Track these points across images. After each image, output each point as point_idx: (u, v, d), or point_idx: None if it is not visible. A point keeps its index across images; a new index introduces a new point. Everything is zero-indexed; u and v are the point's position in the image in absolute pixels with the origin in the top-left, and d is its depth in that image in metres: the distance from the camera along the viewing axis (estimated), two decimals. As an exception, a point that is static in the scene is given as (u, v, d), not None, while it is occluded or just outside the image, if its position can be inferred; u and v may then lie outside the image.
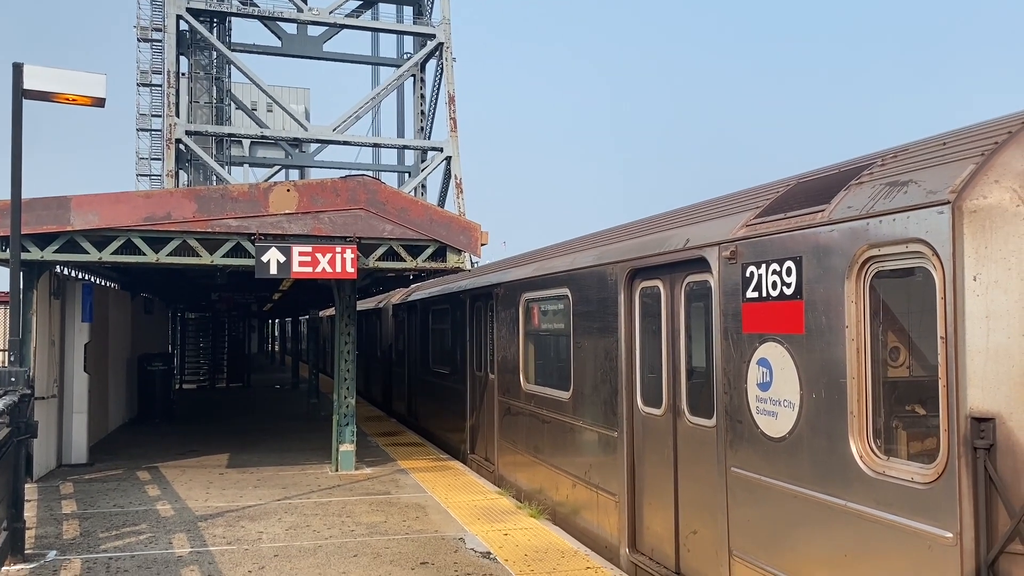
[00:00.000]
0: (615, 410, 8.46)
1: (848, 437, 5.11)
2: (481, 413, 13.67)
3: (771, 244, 5.95)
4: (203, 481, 12.24)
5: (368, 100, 39.00)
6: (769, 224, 6.06)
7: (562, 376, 10.06)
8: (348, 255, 11.01)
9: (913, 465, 4.71)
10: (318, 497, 11.14)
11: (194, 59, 38.39)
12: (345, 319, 13.20)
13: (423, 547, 8.71)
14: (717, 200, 7.66)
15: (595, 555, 8.45)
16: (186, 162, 38.77)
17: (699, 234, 7.04)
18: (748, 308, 6.21)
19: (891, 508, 4.75)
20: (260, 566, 8.01)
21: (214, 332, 31.10)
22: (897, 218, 4.75)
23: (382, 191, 11.50)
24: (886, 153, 5.56)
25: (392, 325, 22.13)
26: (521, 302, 11.48)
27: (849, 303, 5.14)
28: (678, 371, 7.46)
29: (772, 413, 5.89)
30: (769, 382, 5.94)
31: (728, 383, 6.45)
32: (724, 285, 6.51)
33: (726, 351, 6.47)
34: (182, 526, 9.53)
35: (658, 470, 7.77)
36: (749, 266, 6.20)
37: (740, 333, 6.29)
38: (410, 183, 40.14)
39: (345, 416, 12.98)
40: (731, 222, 6.66)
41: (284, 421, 20.08)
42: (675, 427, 7.48)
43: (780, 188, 6.53)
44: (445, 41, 38.00)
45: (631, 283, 8.28)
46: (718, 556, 6.60)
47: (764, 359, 6.01)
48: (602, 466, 8.82)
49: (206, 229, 10.89)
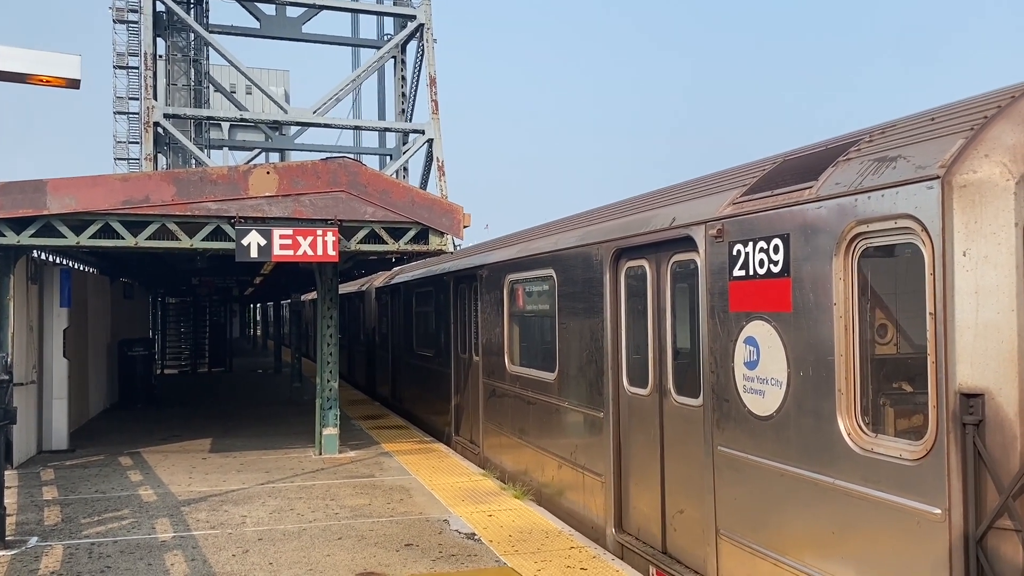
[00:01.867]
0: (601, 391, 8.39)
1: (836, 415, 5.08)
2: (466, 395, 13.56)
3: (758, 222, 5.88)
4: (186, 466, 12.14)
5: (348, 82, 38.59)
6: (756, 202, 5.98)
7: (547, 357, 9.98)
8: (329, 238, 10.90)
9: (901, 442, 4.69)
10: (302, 481, 11.08)
11: (171, 41, 37.81)
12: (327, 303, 13.10)
13: (408, 529, 8.67)
14: (703, 179, 7.57)
15: (579, 535, 8.46)
16: (165, 145, 38.24)
17: (685, 213, 6.96)
18: (735, 286, 6.14)
19: (879, 485, 4.73)
20: (244, 550, 7.96)
21: (195, 317, 30.88)
22: (886, 194, 4.70)
23: (363, 173, 11.38)
24: (874, 129, 5.51)
25: (375, 308, 22.03)
26: (506, 284, 11.37)
27: (837, 280, 5.09)
28: (664, 351, 7.39)
29: (759, 392, 5.85)
30: (756, 360, 5.88)
31: (715, 362, 6.39)
32: (710, 264, 6.43)
33: (712, 330, 6.41)
34: (165, 511, 9.45)
35: (644, 450, 7.73)
36: (736, 244, 6.12)
37: (727, 312, 6.22)
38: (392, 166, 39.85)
39: (328, 399, 12.91)
40: (717, 200, 6.57)
41: (267, 405, 19.98)
42: (661, 407, 7.42)
43: (767, 166, 6.46)
44: (426, 22, 37.63)
45: (616, 263, 8.19)
46: (705, 535, 6.58)
47: (751, 338, 5.95)
48: (588, 447, 8.75)
49: (185, 212, 10.74)
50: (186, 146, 34.56)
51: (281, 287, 27.78)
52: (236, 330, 51.83)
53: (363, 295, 23.74)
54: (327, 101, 36.44)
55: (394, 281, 19.06)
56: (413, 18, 37.88)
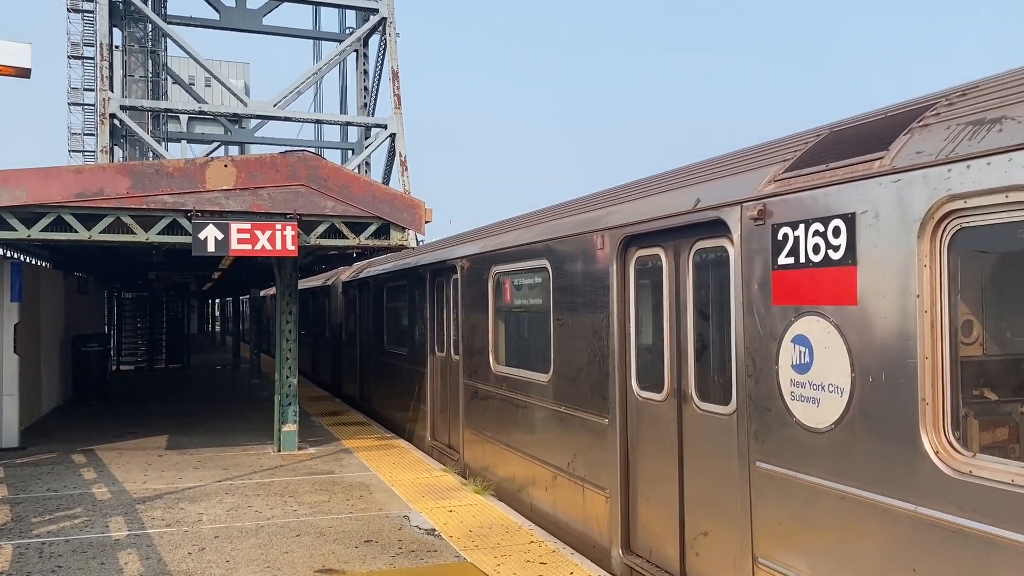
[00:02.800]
0: (605, 394, 7.57)
1: (919, 429, 4.30)
2: (443, 397, 12.80)
3: (812, 200, 5.06)
4: (141, 463, 11.97)
5: (310, 75, 38.21)
6: (807, 177, 5.17)
7: (540, 357, 9.17)
8: (288, 232, 10.80)
9: (1013, 464, 3.90)
10: (260, 478, 10.98)
11: (128, 31, 37.12)
12: (286, 298, 12.98)
13: (367, 525, 8.64)
14: (719, 159, 6.80)
15: (539, 529, 8.49)
16: (121, 138, 37.58)
17: (713, 193, 6.12)
18: (780, 277, 5.32)
19: (983, 516, 3.96)
20: (200, 547, 7.86)
21: (152, 312, 30.39)
22: (993, 161, 3.93)
23: (323, 167, 11.29)
24: (948, 93, 4.83)
25: (342, 303, 21.21)
26: (491, 276, 10.52)
27: (921, 267, 4.31)
28: (684, 351, 6.56)
29: (812, 400, 5.06)
30: (808, 363, 5.09)
31: (752, 365, 5.56)
32: (747, 250, 5.61)
33: (750, 328, 5.58)
34: (119, 509, 9.31)
35: (658, 462, 6.90)
36: (782, 227, 5.28)
37: (769, 306, 5.41)
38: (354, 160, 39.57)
39: (287, 396, 12.80)
40: (753, 178, 5.75)
41: (225, 402, 19.75)
42: (680, 414, 6.60)
43: (809, 139, 5.66)
44: (388, 16, 37.37)
45: (624, 252, 7.33)
46: (738, 562, 5.80)
47: (802, 336, 5.14)
48: (589, 457, 7.92)
49: (140, 206, 10.57)
50: (143, 139, 33.99)
51: (240, 282, 27.48)
52: (195, 326, 51.13)
53: (329, 290, 22.93)
54: (288, 94, 36.05)
55: (363, 275, 18.25)
56: (375, 12, 37.61)
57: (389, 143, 37.79)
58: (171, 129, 45.35)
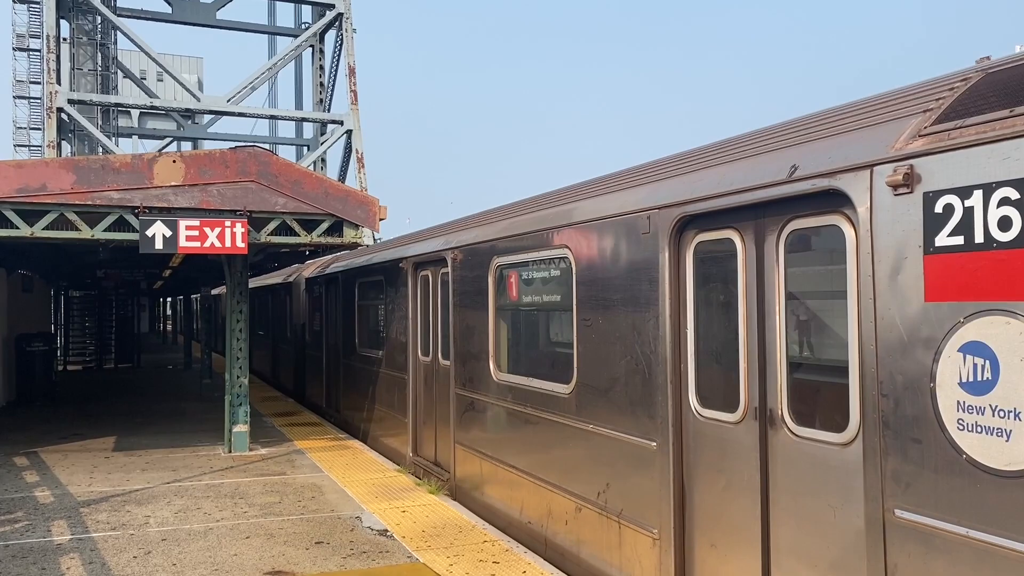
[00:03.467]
0: (651, 412, 6.21)
1: None
2: (430, 408, 11.35)
3: (990, 158, 3.83)
4: (87, 465, 11.69)
5: (264, 71, 37.71)
6: (978, 128, 3.92)
7: (559, 364, 7.77)
8: (238, 229, 10.62)
9: None
10: (210, 479, 10.79)
11: (76, 23, 36.26)
12: (237, 296, 12.78)
13: (318, 527, 8.53)
14: (803, 119, 5.48)
15: (492, 528, 8.45)
16: (69, 133, 36.75)
17: (818, 157, 4.84)
18: (938, 263, 4.07)
19: None
20: (146, 551, 7.70)
21: (100, 311, 29.81)
22: None
23: (274, 163, 11.12)
24: None
25: (306, 302, 19.66)
26: (492, 269, 9.13)
27: None
28: (773, 360, 5.27)
29: (996, 431, 3.81)
30: (990, 381, 3.85)
31: (889, 381, 4.31)
32: (880, 228, 4.35)
33: (883, 332, 4.34)
34: (62, 512, 9.08)
35: (729, 500, 5.59)
36: (943, 196, 4.02)
37: (919, 303, 4.16)
38: (309, 157, 39.13)
39: (238, 396, 12.61)
40: (882, 134, 4.49)
41: (175, 402, 19.42)
42: (764, 440, 5.32)
43: (954, 83, 4.43)
44: (345, 11, 37.04)
45: (680, 236, 6.06)
46: None
47: (977, 344, 3.89)
48: (628, 487, 6.55)
49: (86, 202, 10.32)
50: (92, 133, 33.26)
51: (192, 280, 26.98)
52: (145, 325, 50.28)
53: (290, 287, 21.42)
54: (242, 89, 35.55)
55: (331, 270, 16.71)
56: (332, 7, 37.24)
57: (346, 139, 37.45)
58: (122, 124, 44.42)
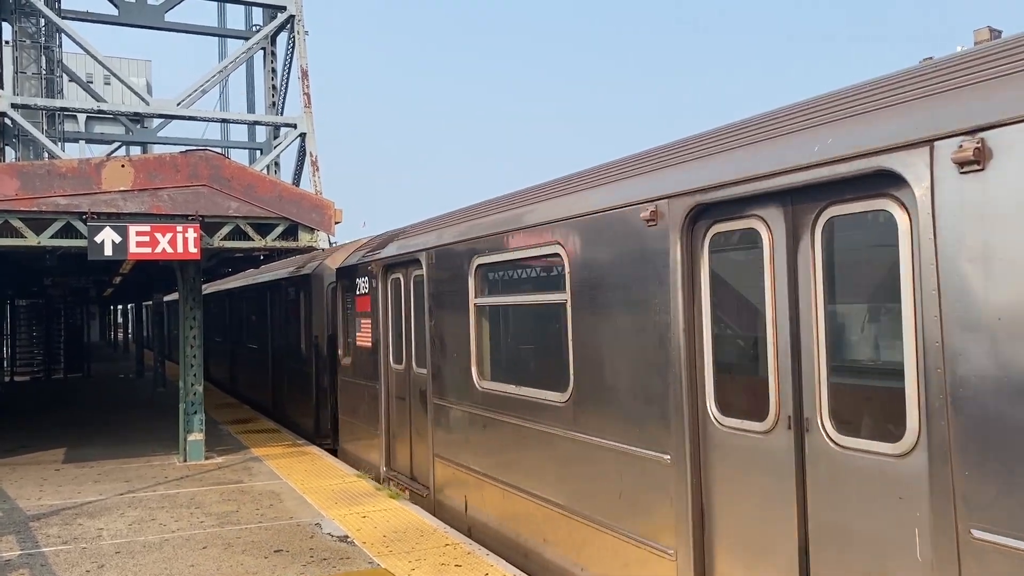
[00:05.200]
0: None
1: None
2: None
3: None
4: (36, 478, 11.41)
5: (215, 73, 37.12)
6: None
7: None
8: (190, 234, 10.44)
9: None
10: (165, 489, 10.59)
11: (19, 26, 35.40)
12: (190, 302, 12.57)
13: (277, 535, 8.42)
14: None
15: (453, 531, 8.42)
16: (13, 138, 35.83)
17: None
18: None
19: None
20: (99, 565, 7.52)
21: (48, 320, 29.14)
22: None
23: (226, 167, 10.96)
24: None
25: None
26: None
27: None
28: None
29: None
30: None
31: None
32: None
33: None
34: (11, 527, 8.83)
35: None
36: None
37: None
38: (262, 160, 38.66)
39: (192, 404, 12.40)
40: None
41: (128, 411, 19.05)
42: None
43: None
44: (296, 14, 36.67)
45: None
46: None
47: None
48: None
49: (31, 208, 10.07)
50: (38, 138, 32.49)
51: (144, 286, 26.49)
52: (96, 333, 49.27)
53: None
54: (192, 93, 35.01)
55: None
56: (283, 9, 36.85)
57: (299, 143, 37.08)
58: (68, 129, 43.46)
